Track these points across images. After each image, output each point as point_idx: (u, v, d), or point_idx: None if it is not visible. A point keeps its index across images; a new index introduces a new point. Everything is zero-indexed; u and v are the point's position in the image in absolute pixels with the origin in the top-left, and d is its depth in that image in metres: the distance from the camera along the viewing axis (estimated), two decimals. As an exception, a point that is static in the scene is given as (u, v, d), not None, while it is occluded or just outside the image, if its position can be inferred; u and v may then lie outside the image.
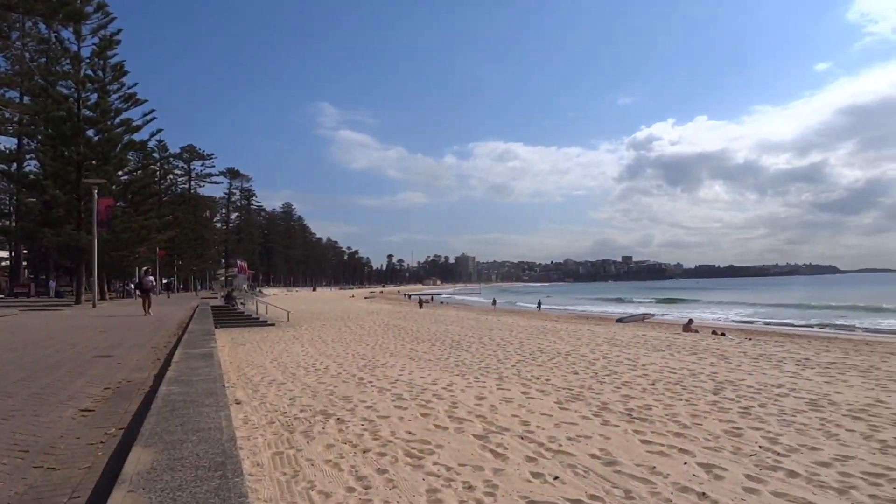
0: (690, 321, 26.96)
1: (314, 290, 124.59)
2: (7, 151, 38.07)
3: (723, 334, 21.96)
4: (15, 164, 39.28)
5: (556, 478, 5.33)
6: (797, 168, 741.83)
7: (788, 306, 50.01)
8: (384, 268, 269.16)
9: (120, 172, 39.03)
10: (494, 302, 66.34)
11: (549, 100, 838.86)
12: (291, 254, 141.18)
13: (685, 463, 5.70)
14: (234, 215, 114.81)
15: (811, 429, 6.98)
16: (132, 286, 41.39)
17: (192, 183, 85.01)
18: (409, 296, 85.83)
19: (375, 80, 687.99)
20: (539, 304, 56.76)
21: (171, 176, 72.68)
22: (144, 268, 33.22)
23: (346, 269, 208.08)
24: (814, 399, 8.73)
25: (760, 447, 6.21)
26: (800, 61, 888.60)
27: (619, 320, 33.91)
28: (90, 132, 34.65)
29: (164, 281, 53.50)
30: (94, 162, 33.86)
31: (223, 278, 78.35)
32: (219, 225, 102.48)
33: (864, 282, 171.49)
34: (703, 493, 4.85)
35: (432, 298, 79.51)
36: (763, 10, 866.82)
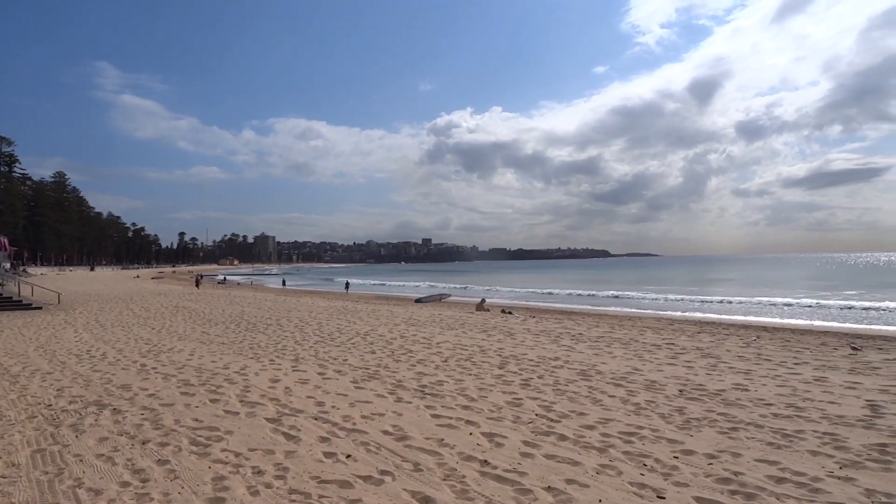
0: (483, 300, 28.54)
1: (92, 269, 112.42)
2: None
3: (510, 313, 23.54)
4: None
5: (348, 456, 5.37)
6: (577, 161, 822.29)
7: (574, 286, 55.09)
8: (175, 246, 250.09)
9: None
10: (284, 283, 64.75)
11: (353, 80, 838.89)
12: (65, 229, 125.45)
13: (471, 433, 6.06)
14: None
15: (580, 396, 7.78)
16: None
17: (-64, 144, 71.95)
18: (202, 276, 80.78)
19: (165, 43, 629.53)
20: (347, 284, 56.56)
21: None
22: None
23: (132, 248, 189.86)
24: (584, 370, 9.74)
25: (537, 415, 6.80)
26: (581, 63, 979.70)
27: (418, 300, 34.91)
28: None
29: None
30: None
31: (-24, 256, 67.83)
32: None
33: (631, 264, 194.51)
34: (485, 461, 5.18)
35: (225, 279, 75.77)
36: (551, 13, 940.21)
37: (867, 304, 29.85)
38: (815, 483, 4.61)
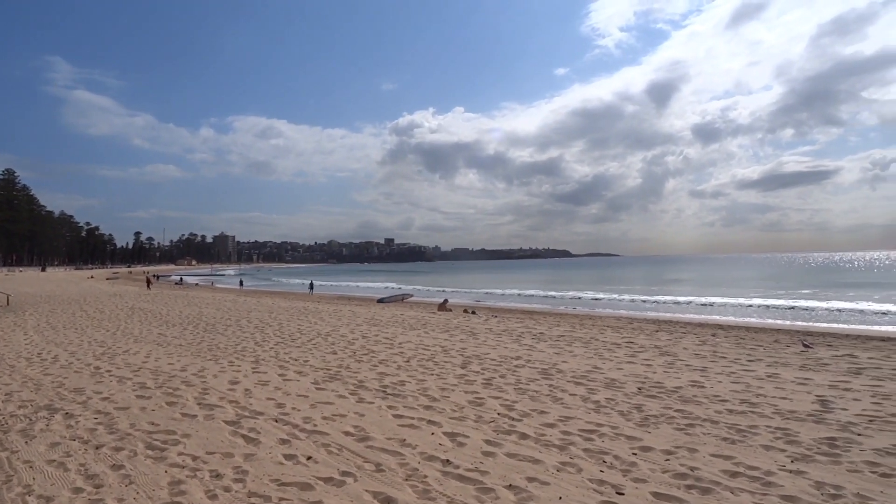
0: (445, 301, 28.58)
1: (43, 270, 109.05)
2: None
3: (473, 312, 23.61)
4: None
5: (309, 458, 5.31)
6: (538, 161, 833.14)
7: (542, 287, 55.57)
8: (131, 247, 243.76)
9: None
10: (241, 283, 63.67)
11: (315, 79, 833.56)
12: (14, 229, 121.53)
13: (433, 433, 6.06)
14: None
15: (541, 395, 7.84)
16: None
17: None
18: (157, 277, 78.85)
19: (120, 37, 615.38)
20: (311, 285, 55.79)
21: None
22: None
23: (85, 248, 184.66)
24: (545, 368, 9.83)
25: (499, 414, 6.83)
26: (543, 65, 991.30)
27: (381, 300, 34.70)
28: None
29: None
30: None
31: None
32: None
33: (592, 264, 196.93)
34: (447, 460, 5.19)
35: (182, 280, 74.37)
36: (513, 14, 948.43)
37: (818, 302, 30.81)
38: (767, 477, 4.73)
